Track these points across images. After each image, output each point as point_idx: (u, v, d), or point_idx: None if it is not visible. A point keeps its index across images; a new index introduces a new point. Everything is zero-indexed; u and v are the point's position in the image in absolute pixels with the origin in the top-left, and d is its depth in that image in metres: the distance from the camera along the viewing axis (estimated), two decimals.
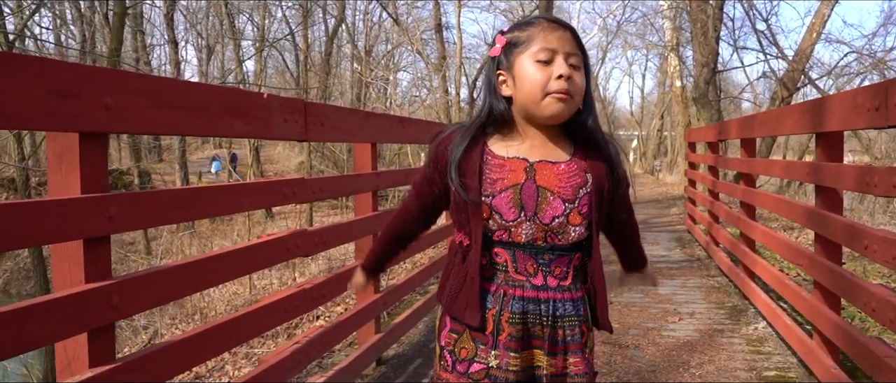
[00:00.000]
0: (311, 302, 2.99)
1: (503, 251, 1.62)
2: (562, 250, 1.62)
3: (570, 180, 1.60)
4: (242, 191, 2.40)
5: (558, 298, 1.62)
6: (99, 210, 1.80)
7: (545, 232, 1.59)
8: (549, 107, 1.58)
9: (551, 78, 1.57)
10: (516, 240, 1.60)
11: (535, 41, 1.59)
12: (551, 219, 1.59)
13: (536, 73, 1.58)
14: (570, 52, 1.59)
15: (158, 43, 32.19)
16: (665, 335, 4.60)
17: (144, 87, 1.94)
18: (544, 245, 1.61)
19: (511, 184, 1.60)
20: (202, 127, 2.18)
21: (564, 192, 1.59)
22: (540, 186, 1.60)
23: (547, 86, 1.57)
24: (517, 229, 1.59)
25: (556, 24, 1.61)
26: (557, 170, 1.61)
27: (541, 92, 1.57)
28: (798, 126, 3.71)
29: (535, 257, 1.61)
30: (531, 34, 1.61)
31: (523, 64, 1.60)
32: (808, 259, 3.53)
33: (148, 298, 1.98)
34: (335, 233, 3.24)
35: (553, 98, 1.57)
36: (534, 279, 1.62)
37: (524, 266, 1.62)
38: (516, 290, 1.61)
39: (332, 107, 3.39)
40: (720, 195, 7.29)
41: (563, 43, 1.59)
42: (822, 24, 16.61)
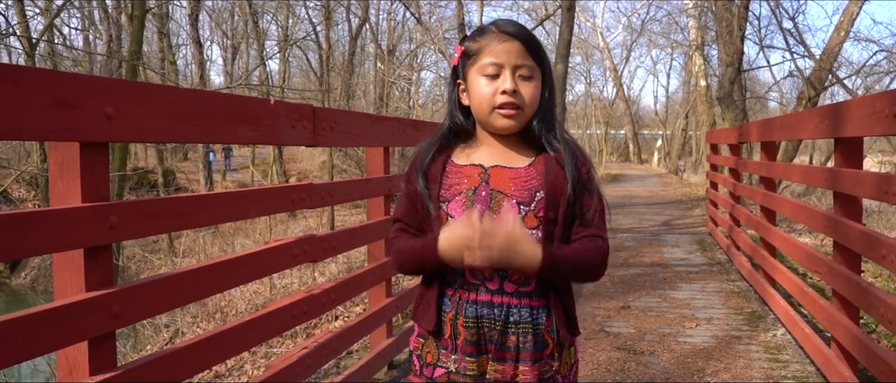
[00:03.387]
0: (320, 308, 2.98)
1: None
2: None
3: (527, 183, 1.60)
4: (248, 198, 2.40)
5: (513, 304, 1.60)
6: (99, 219, 1.80)
7: None
8: (497, 121, 1.60)
9: (497, 92, 1.58)
10: None
11: (483, 54, 1.60)
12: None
13: (484, 88, 1.60)
14: (518, 65, 1.59)
15: (184, 43, 32.59)
16: (681, 341, 4.54)
17: (147, 96, 1.95)
18: None
19: (464, 189, 1.62)
20: (206, 134, 2.18)
21: (519, 195, 1.59)
22: (493, 189, 1.60)
23: (493, 99, 1.58)
24: None
25: (505, 35, 1.59)
26: (513, 175, 1.61)
27: (488, 106, 1.60)
28: (817, 131, 3.64)
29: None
30: (481, 45, 1.61)
31: (473, 77, 1.62)
32: (827, 267, 3.46)
33: (149, 307, 1.98)
34: (345, 238, 3.24)
35: (499, 113, 1.59)
36: (489, 283, 1.61)
37: (480, 270, 1.61)
38: (471, 294, 1.61)
39: (343, 112, 3.38)
40: (741, 198, 7.19)
41: (511, 55, 1.58)
42: (851, 23, 16.36)
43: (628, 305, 5.51)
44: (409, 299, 4.30)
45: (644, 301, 5.67)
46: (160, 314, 2.09)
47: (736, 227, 7.04)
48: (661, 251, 8.26)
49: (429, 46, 27.45)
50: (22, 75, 1.62)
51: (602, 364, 4.12)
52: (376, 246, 3.79)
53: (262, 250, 2.50)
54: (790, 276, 4.48)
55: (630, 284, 6.29)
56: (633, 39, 38.04)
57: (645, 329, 4.85)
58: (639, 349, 4.38)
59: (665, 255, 7.95)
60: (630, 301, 5.67)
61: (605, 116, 45.00)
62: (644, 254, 8.06)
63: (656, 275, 6.69)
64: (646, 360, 4.17)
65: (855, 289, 3.10)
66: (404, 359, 4.28)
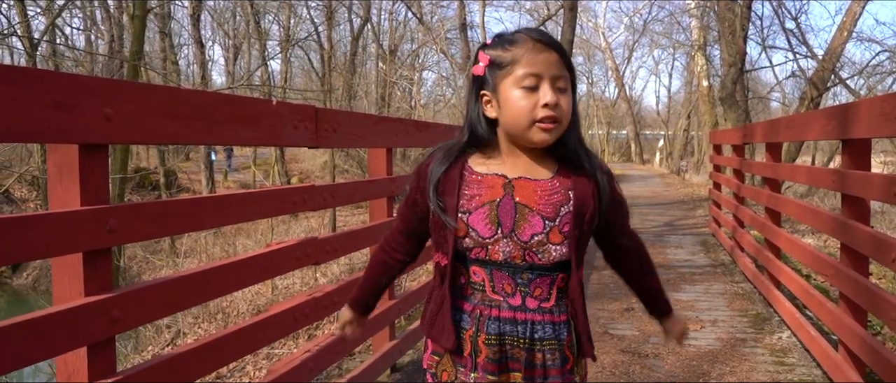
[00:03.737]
0: (323, 311, 2.95)
1: (480, 270, 1.58)
2: (542, 270, 1.56)
3: (552, 198, 1.54)
4: (250, 200, 2.37)
5: (537, 320, 1.56)
6: (99, 222, 1.77)
7: (524, 250, 1.54)
8: (535, 136, 1.53)
9: (538, 105, 1.51)
10: (493, 259, 1.55)
11: (520, 65, 1.51)
12: (530, 236, 1.53)
13: (522, 100, 1.51)
14: (556, 76, 1.52)
15: (186, 43, 32.57)
16: (686, 343, 4.51)
17: (146, 97, 1.92)
18: (522, 264, 1.55)
19: (488, 201, 1.55)
20: (206, 135, 2.15)
21: (544, 210, 1.53)
22: (518, 202, 1.54)
23: (533, 113, 1.51)
24: (494, 247, 1.54)
25: (542, 45, 1.52)
26: (538, 187, 1.55)
27: (527, 120, 1.52)
28: (823, 132, 3.60)
29: (513, 276, 1.56)
30: (516, 56, 1.52)
31: (508, 89, 1.53)
32: (834, 269, 3.43)
33: (149, 311, 1.95)
34: (348, 240, 3.20)
35: (539, 127, 1.52)
36: (511, 299, 1.56)
37: (501, 285, 1.56)
38: (493, 310, 1.56)
39: (346, 113, 3.35)
40: (745, 199, 7.14)
41: (550, 66, 1.51)
42: (854, 23, 16.31)
43: (632, 307, 5.47)
44: (412, 301, 4.27)
45: None
46: (161, 318, 2.06)
47: (740, 228, 7.00)
48: (665, 252, 8.22)
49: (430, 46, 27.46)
50: (18, 76, 1.58)
51: (606, 367, 4.09)
52: None
53: (263, 253, 2.47)
54: (795, 278, 4.45)
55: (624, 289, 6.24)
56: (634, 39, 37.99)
57: (649, 331, 4.81)
58: (643, 352, 4.35)
59: (669, 256, 7.91)
60: (633, 302, 5.61)
61: (606, 116, 44.99)
62: None
63: (660, 277, 6.63)
64: (650, 363, 4.14)
65: (863, 292, 3.06)
66: (407, 362, 4.25)
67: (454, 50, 25.14)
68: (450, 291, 1.59)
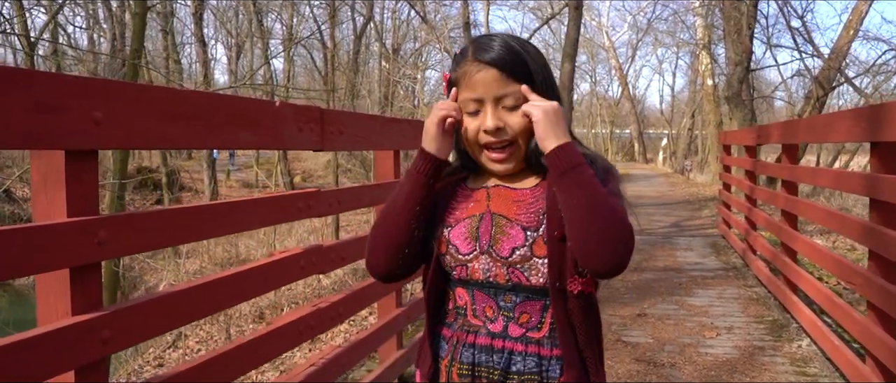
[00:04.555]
0: (328, 322, 2.81)
1: (464, 292, 1.42)
2: (529, 292, 1.36)
3: (532, 206, 1.38)
4: (251, 208, 2.22)
5: (517, 350, 1.36)
6: (87, 235, 1.63)
7: (506, 267, 1.36)
8: (487, 163, 1.42)
9: (479, 130, 1.38)
10: (473, 278, 1.39)
11: (462, 88, 1.40)
12: (510, 251, 1.35)
13: (468, 125, 1.40)
14: (499, 96, 1.37)
15: (188, 41, 32.42)
16: (703, 352, 4.36)
17: (139, 98, 1.77)
18: (506, 283, 1.37)
19: (470, 214, 1.42)
20: (205, 138, 2.00)
21: (525, 219, 1.37)
22: (494, 213, 1.40)
23: (478, 139, 1.39)
24: (473, 264, 1.38)
25: (479, 63, 1.37)
26: (516, 196, 1.41)
27: (475, 146, 1.41)
28: (850, 133, 3.45)
29: (495, 299, 1.38)
30: (459, 76, 1.41)
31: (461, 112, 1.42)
32: (863, 278, 3.28)
33: (144, 330, 1.81)
34: (354, 247, 3.06)
35: (487, 155, 1.40)
36: (492, 325, 1.39)
37: (483, 309, 1.40)
38: (469, 337, 1.39)
39: (352, 114, 3.21)
40: (758, 201, 6.98)
41: (489, 86, 1.37)
42: (860, 21, 16.15)
43: (644, 312, 5.32)
44: (421, 308, 4.13)
45: (660, 308, 5.48)
46: (156, 336, 1.91)
47: (752, 231, 6.85)
48: (675, 254, 8.07)
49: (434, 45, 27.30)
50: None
51: (621, 376, 3.94)
52: None
53: (266, 264, 2.32)
54: (816, 285, 4.29)
55: (645, 290, 6.09)
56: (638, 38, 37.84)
57: (664, 338, 4.66)
58: (659, 361, 4.20)
59: (679, 259, 7.76)
60: (646, 308, 5.48)
61: (610, 115, 44.80)
62: (657, 257, 7.87)
63: (671, 280, 6.50)
64: (667, 373, 3.99)
65: (895, 303, 2.91)
66: (414, 372, 4.10)
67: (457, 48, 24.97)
68: (431, 314, 1.46)
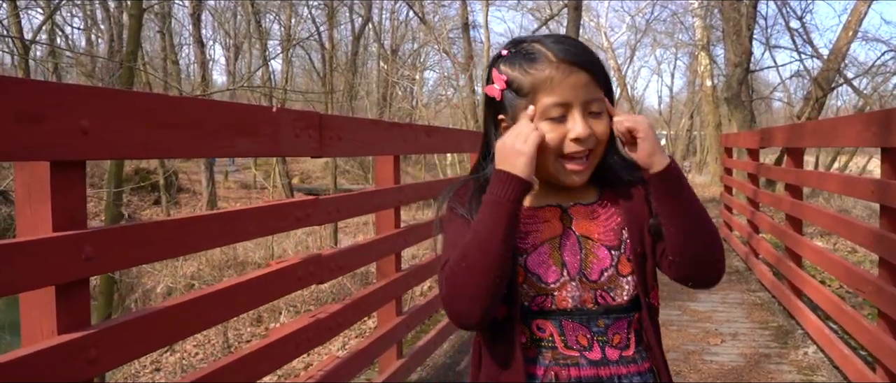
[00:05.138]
0: (327, 333, 2.73)
1: (547, 323, 1.29)
2: (618, 312, 1.29)
3: (608, 222, 1.31)
4: (247, 218, 2.14)
5: (623, 373, 1.28)
6: (74, 250, 1.55)
7: (595, 291, 1.27)
8: (565, 177, 1.28)
9: (566, 139, 1.25)
10: (561, 307, 1.27)
11: (543, 92, 1.25)
12: (600, 273, 1.27)
13: (547, 134, 1.25)
14: (589, 100, 1.25)
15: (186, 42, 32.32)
16: (707, 359, 4.28)
17: (129, 105, 1.69)
18: (596, 308, 1.28)
19: (548, 238, 1.30)
20: (199, 147, 1.93)
21: (606, 238, 1.29)
22: (580, 235, 1.29)
23: (560, 147, 1.26)
24: (561, 293, 1.27)
25: (568, 65, 1.24)
26: (593, 213, 1.32)
27: (554, 156, 1.27)
28: (860, 138, 3.37)
29: (588, 325, 1.28)
30: (537, 81, 1.25)
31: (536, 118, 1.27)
32: (873, 286, 3.20)
33: (134, 348, 1.72)
34: (353, 256, 2.98)
35: (568, 167, 1.27)
36: (589, 353, 1.27)
37: (576, 338, 1.28)
38: (571, 370, 1.27)
39: (352, 119, 3.14)
40: (761, 205, 6.91)
41: (579, 91, 1.24)
42: (859, 22, 16.09)
43: None
44: (420, 317, 4.06)
45: (663, 313, 5.36)
46: (148, 354, 1.84)
47: (755, 234, 6.78)
48: None
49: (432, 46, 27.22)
50: None
51: None
52: (386, 262, 3.53)
53: (262, 275, 2.24)
54: (823, 291, 4.21)
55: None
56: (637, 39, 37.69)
57: (668, 345, 4.57)
58: None
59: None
60: None
61: None
62: None
63: (673, 285, 6.31)
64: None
65: None
66: (415, 381, 4.03)
67: (456, 49, 24.92)
68: (498, 357, 1.29)
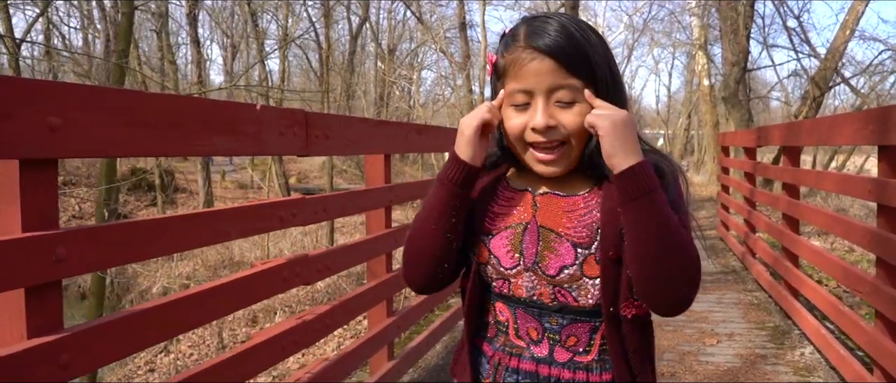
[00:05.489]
0: (314, 335, 2.68)
1: (505, 308, 1.29)
2: (577, 313, 1.22)
3: (585, 217, 1.22)
4: (227, 218, 2.09)
5: (567, 378, 1.22)
6: (44, 251, 1.50)
7: (552, 287, 1.22)
8: (532, 163, 1.24)
9: (527, 127, 1.21)
10: (516, 295, 1.25)
11: (510, 77, 1.22)
12: (558, 270, 1.20)
13: (512, 120, 1.22)
14: (553, 87, 1.19)
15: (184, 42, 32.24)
16: (703, 360, 4.24)
17: (100, 102, 1.64)
18: (552, 304, 1.23)
19: (514, 223, 1.26)
20: (178, 146, 1.87)
21: (576, 234, 1.21)
22: (541, 226, 1.23)
23: (523, 136, 1.22)
24: (516, 280, 1.24)
25: (534, 51, 1.19)
26: (567, 205, 1.24)
27: (520, 143, 1.24)
28: (857, 136, 3.32)
29: (540, 319, 1.24)
30: (507, 63, 1.23)
31: (504, 105, 1.25)
32: (870, 286, 3.16)
33: (108, 352, 1.67)
34: (341, 257, 2.93)
35: (534, 155, 1.22)
36: (536, 348, 1.25)
37: (526, 329, 1.26)
38: (512, 360, 1.27)
39: (339, 117, 3.08)
40: (757, 204, 6.87)
41: (541, 78, 1.18)
42: (856, 21, 16.04)
43: None
44: (412, 318, 4.00)
45: None
46: (123, 358, 1.78)
47: (751, 234, 6.74)
48: None
49: (429, 45, 27.17)
50: None
51: None
52: (377, 262, 3.48)
53: (246, 276, 2.19)
54: (821, 292, 4.17)
55: None
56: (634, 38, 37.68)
57: (663, 346, 4.54)
58: (658, 370, 4.07)
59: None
60: None
61: None
62: None
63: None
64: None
65: None
66: (407, 382, 3.98)
67: (453, 49, 24.88)
68: (471, 326, 1.33)
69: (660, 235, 1.11)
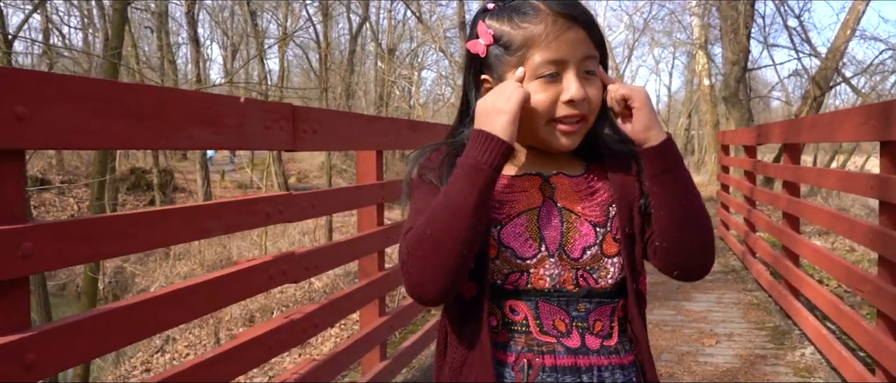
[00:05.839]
0: (301, 335, 2.61)
1: (521, 304, 1.16)
2: (601, 296, 1.17)
3: (594, 197, 1.19)
4: (208, 214, 2.02)
5: (604, 364, 1.15)
6: (9, 247, 1.43)
7: (576, 271, 1.15)
8: (556, 140, 1.16)
9: (558, 100, 1.13)
10: (538, 287, 1.15)
11: (536, 48, 1.12)
12: (582, 251, 1.15)
13: (538, 93, 1.13)
14: (584, 57, 1.13)
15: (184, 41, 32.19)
16: (702, 361, 4.17)
17: (70, 91, 1.57)
18: (576, 290, 1.15)
19: (526, 209, 1.17)
20: (154, 139, 1.80)
21: (592, 214, 1.17)
22: (562, 208, 1.17)
23: (553, 111, 1.14)
24: (538, 270, 1.15)
25: (566, 20, 1.11)
26: (578, 186, 1.20)
27: (544, 119, 1.15)
28: (859, 132, 3.26)
29: (567, 309, 1.15)
30: (530, 36, 1.12)
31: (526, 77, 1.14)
32: (872, 286, 3.09)
33: (77, 352, 1.60)
34: (331, 255, 2.86)
35: (561, 129, 1.15)
36: (567, 340, 1.15)
37: (552, 322, 1.15)
38: (545, 358, 1.14)
39: (329, 112, 3.02)
40: (758, 202, 6.79)
41: (575, 47, 1.12)
42: (857, 21, 15.97)
43: None
44: (405, 318, 3.93)
45: (657, 313, 5.29)
46: (93, 359, 1.72)
47: (752, 233, 6.67)
48: None
49: (429, 45, 27.10)
50: None
51: None
52: (368, 260, 3.42)
53: (227, 274, 2.12)
54: (821, 291, 4.10)
55: None
56: (635, 38, 37.61)
57: (661, 346, 4.47)
58: (656, 370, 4.00)
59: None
60: None
61: None
62: None
63: (668, 284, 6.29)
64: None
65: None
66: (400, 382, 3.91)
67: (453, 48, 24.78)
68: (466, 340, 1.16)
69: (692, 205, 1.12)
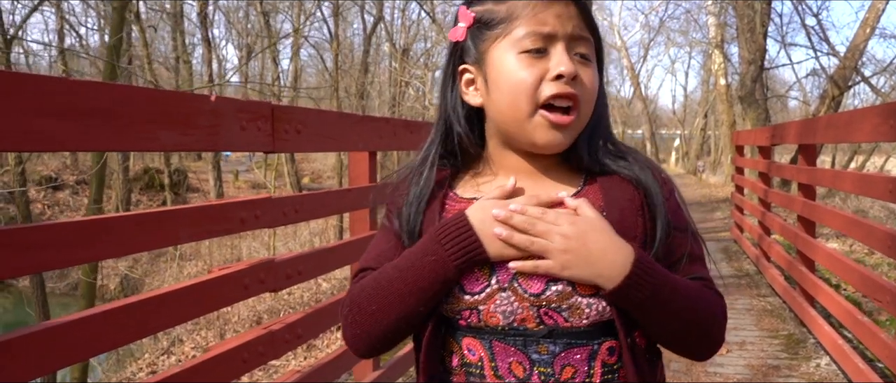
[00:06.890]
0: (283, 346, 2.48)
1: (476, 343, 1.01)
2: (571, 336, 0.98)
3: None
4: (175, 220, 1.90)
5: None
6: None
7: (537, 308, 0.97)
8: (538, 132, 1.00)
9: (545, 78, 0.98)
10: (490, 324, 0.99)
11: (520, 20, 0.99)
12: (544, 285, 0.96)
13: (521, 70, 0.98)
14: (574, 36, 1.00)
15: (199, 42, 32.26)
16: (712, 371, 4.01)
17: (19, 89, 1.45)
18: (538, 328, 0.97)
19: None
20: (113, 140, 1.68)
21: None
22: None
23: (538, 90, 0.98)
24: (488, 306, 0.98)
25: None
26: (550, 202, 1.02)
27: (528, 102, 0.99)
28: (876, 132, 3.09)
29: (525, 350, 0.98)
30: (513, 9, 1.00)
31: (501, 57, 1.01)
32: (891, 295, 2.92)
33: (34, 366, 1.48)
34: (315, 261, 2.73)
35: (547, 118, 0.98)
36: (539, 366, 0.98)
37: (508, 366, 0.99)
38: None
39: (314, 111, 2.89)
40: (772, 205, 6.61)
41: (565, 21, 0.99)
42: (877, 19, 15.66)
43: None
44: None
45: None
46: (53, 371, 1.60)
47: (766, 237, 6.48)
48: None
49: (443, 45, 26.96)
50: None
51: None
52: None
53: (196, 284, 2.00)
54: (837, 299, 3.92)
55: None
56: (650, 38, 37.32)
57: (669, 356, 4.26)
58: None
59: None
60: None
61: (621, 116, 44.33)
62: None
63: None
64: None
65: None
66: None
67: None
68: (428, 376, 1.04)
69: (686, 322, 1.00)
